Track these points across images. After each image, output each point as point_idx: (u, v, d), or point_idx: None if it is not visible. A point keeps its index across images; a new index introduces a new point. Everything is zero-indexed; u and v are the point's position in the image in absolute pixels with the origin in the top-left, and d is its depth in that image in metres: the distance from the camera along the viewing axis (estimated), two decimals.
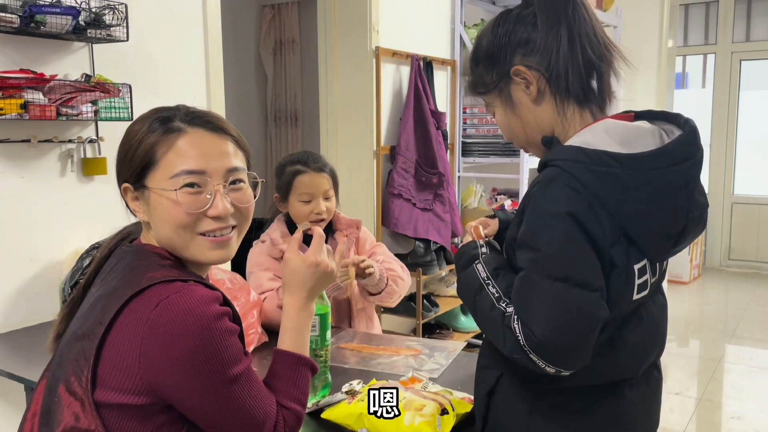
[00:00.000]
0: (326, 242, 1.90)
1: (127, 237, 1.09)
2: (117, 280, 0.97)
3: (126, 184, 1.01)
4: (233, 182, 1.02)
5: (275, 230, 1.95)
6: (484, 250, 1.14)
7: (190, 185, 0.97)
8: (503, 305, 1.01)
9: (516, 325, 0.96)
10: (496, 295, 1.03)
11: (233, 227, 1.03)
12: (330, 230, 1.99)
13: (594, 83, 1.08)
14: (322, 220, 1.88)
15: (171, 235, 0.99)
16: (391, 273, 1.92)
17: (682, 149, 1.01)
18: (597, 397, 1.06)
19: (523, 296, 0.97)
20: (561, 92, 1.07)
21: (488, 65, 1.12)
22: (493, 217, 1.27)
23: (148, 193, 0.99)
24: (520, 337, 0.95)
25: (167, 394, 0.90)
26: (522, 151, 3.56)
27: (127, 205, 1.05)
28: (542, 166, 1.05)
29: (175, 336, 0.88)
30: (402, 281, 1.94)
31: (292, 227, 1.96)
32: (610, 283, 0.98)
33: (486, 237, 1.21)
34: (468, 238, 1.20)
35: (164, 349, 0.88)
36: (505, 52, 1.09)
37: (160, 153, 0.98)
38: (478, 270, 1.09)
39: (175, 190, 0.97)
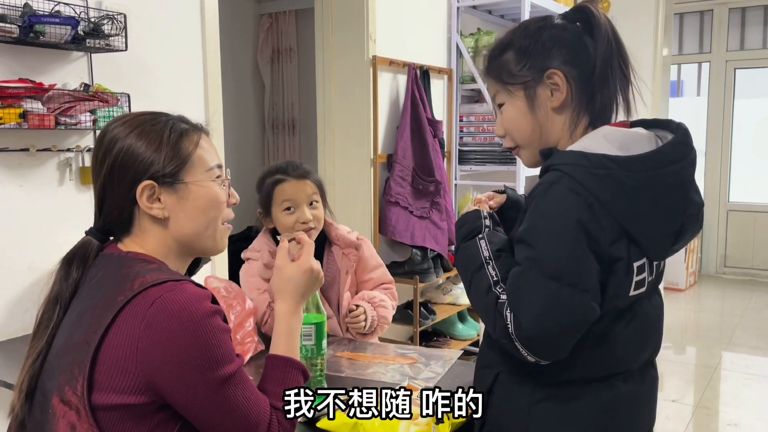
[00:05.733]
0: (323, 255, 1.90)
1: (90, 247, 1.07)
2: (105, 288, 0.98)
3: (146, 182, 1.01)
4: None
5: (264, 249, 1.85)
6: (487, 222, 1.15)
7: (218, 177, 1.07)
8: (499, 290, 1.05)
9: (507, 314, 1.01)
10: (495, 278, 1.06)
11: None
12: (326, 242, 1.91)
13: (613, 106, 1.11)
14: (311, 229, 1.78)
15: (206, 224, 1.06)
16: (382, 318, 1.86)
17: (676, 150, 1.05)
18: (591, 390, 1.08)
19: (517, 290, 1.01)
20: (582, 110, 1.09)
21: (523, 57, 1.11)
22: (502, 192, 1.29)
23: (183, 188, 1.03)
24: (510, 326, 1.00)
25: (163, 390, 0.92)
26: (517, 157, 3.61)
27: (128, 208, 1.04)
28: (544, 171, 1.08)
29: (171, 332, 0.90)
30: (387, 324, 1.90)
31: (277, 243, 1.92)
32: (609, 278, 1.02)
33: (491, 209, 1.22)
34: (471, 207, 1.21)
35: (161, 345, 0.90)
36: (546, 50, 1.09)
37: (192, 150, 1.05)
38: (481, 246, 1.11)
39: (211, 181, 1.06)
